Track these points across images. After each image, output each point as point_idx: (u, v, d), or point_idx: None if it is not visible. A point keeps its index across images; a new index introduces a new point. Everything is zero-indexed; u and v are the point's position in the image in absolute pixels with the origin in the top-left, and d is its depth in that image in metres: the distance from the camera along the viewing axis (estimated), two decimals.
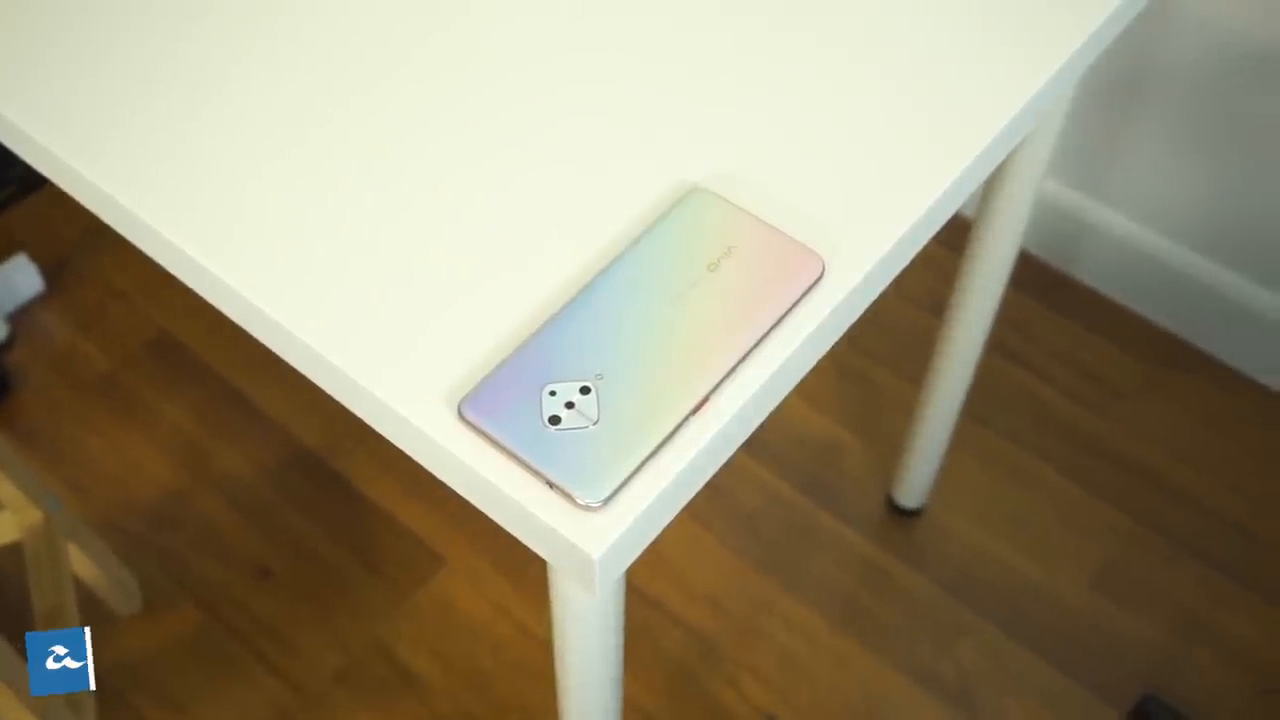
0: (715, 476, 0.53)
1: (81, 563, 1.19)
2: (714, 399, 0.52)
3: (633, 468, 0.49)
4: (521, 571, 1.30)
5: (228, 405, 1.44)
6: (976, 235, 1.05)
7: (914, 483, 1.32)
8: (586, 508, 0.49)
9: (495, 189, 0.59)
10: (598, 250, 0.57)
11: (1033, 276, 1.55)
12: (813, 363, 0.56)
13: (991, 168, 0.64)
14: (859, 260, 0.56)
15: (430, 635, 1.27)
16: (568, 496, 0.49)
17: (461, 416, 0.51)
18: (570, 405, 0.51)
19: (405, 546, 1.33)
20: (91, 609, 1.27)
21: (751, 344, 0.53)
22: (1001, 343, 1.49)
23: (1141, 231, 1.46)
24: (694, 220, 0.57)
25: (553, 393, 0.51)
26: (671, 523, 0.52)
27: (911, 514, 1.36)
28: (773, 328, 0.54)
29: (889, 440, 1.41)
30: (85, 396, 1.44)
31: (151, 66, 0.63)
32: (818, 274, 0.55)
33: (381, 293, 0.55)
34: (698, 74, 0.64)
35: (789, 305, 0.54)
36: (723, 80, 0.63)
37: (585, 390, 0.51)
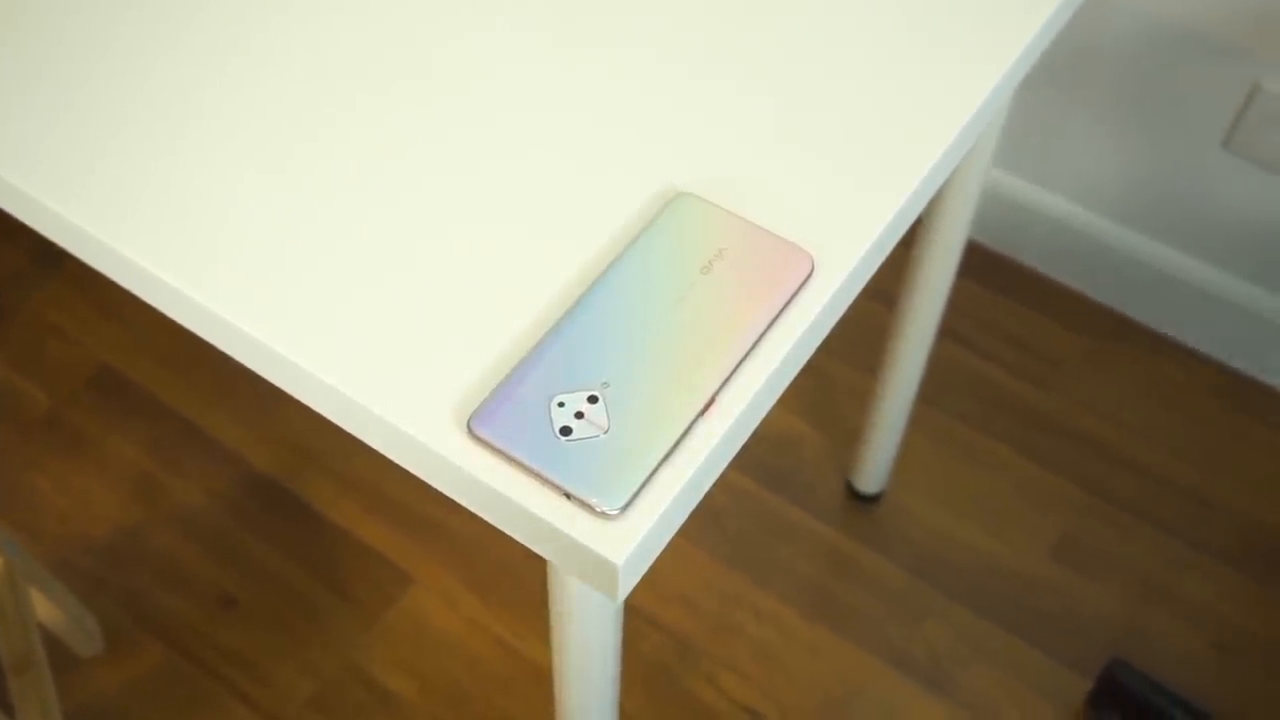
0: None
1: (41, 606, 1.16)
2: (719, 399, 0.52)
3: (648, 473, 0.50)
4: (491, 585, 1.30)
5: (178, 436, 1.41)
6: (926, 226, 1.07)
7: (873, 469, 1.34)
8: (605, 515, 0.49)
9: (480, 205, 0.59)
10: (589, 260, 0.57)
11: (972, 260, 1.58)
12: (808, 356, 0.57)
13: (961, 156, 0.65)
14: (846, 255, 0.57)
15: (404, 655, 1.26)
16: (586, 506, 0.49)
17: (472, 433, 0.51)
18: (580, 415, 0.51)
19: (371, 567, 1.32)
20: (52, 653, 1.25)
21: (751, 343, 0.54)
22: (947, 327, 1.52)
23: (1075, 210, 1.49)
24: (683, 225, 0.57)
25: (561, 404, 0.51)
26: None
27: (872, 499, 1.38)
28: (770, 326, 0.54)
29: (845, 429, 1.43)
30: (30, 437, 1.41)
31: (124, 95, 0.62)
32: (808, 271, 0.56)
33: (376, 315, 0.55)
34: (675, 83, 0.64)
35: (784, 303, 0.55)
36: (700, 88, 0.64)
37: (593, 399, 0.51)
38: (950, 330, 1.51)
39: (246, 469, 1.39)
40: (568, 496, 0.49)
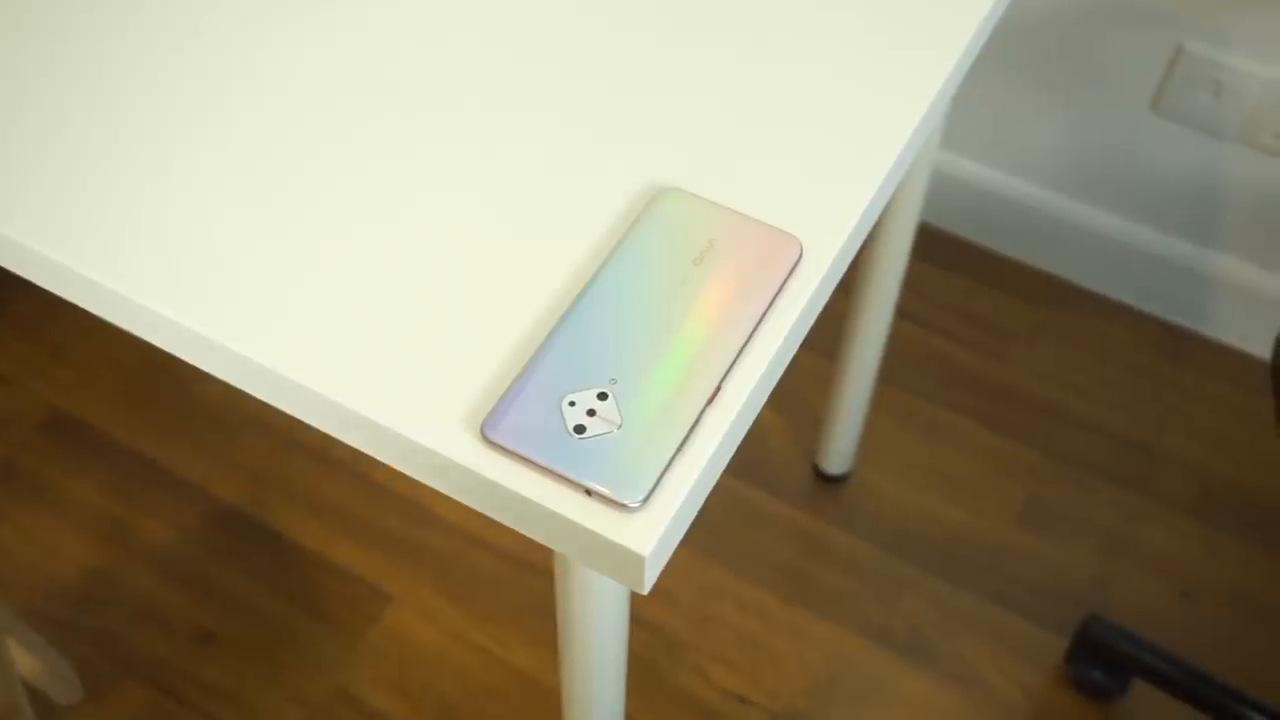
0: None
1: (17, 656, 1.14)
2: (725, 387, 0.53)
3: (665, 464, 0.50)
4: (470, 595, 1.30)
5: (138, 474, 1.39)
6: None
7: (838, 451, 1.36)
8: (627, 509, 0.50)
9: (467, 215, 0.59)
10: (581, 261, 0.58)
11: (916, 238, 1.61)
12: (803, 338, 0.58)
13: (929, 132, 0.67)
14: (832, 237, 0.59)
15: (390, 674, 1.26)
16: (608, 501, 0.50)
17: (486, 439, 0.51)
18: (592, 413, 0.52)
19: (348, 588, 1.31)
20: (31, 703, 1.22)
21: (750, 330, 0.55)
22: (898, 307, 1.54)
23: (1012, 182, 1.52)
24: (670, 219, 0.58)
25: (572, 403, 0.52)
26: None
27: (839, 481, 1.40)
28: (766, 311, 0.55)
29: (809, 414, 1.45)
30: None
31: (107, 137, 0.62)
32: (797, 255, 0.57)
33: (376, 330, 0.55)
34: (645, 83, 0.65)
35: (777, 288, 0.56)
36: (669, 86, 0.65)
37: (603, 396, 0.52)
38: (901, 309, 1.54)
39: (212, 502, 1.37)
40: (588, 493, 0.50)
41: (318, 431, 1.41)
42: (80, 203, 0.59)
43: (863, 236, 0.62)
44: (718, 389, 0.53)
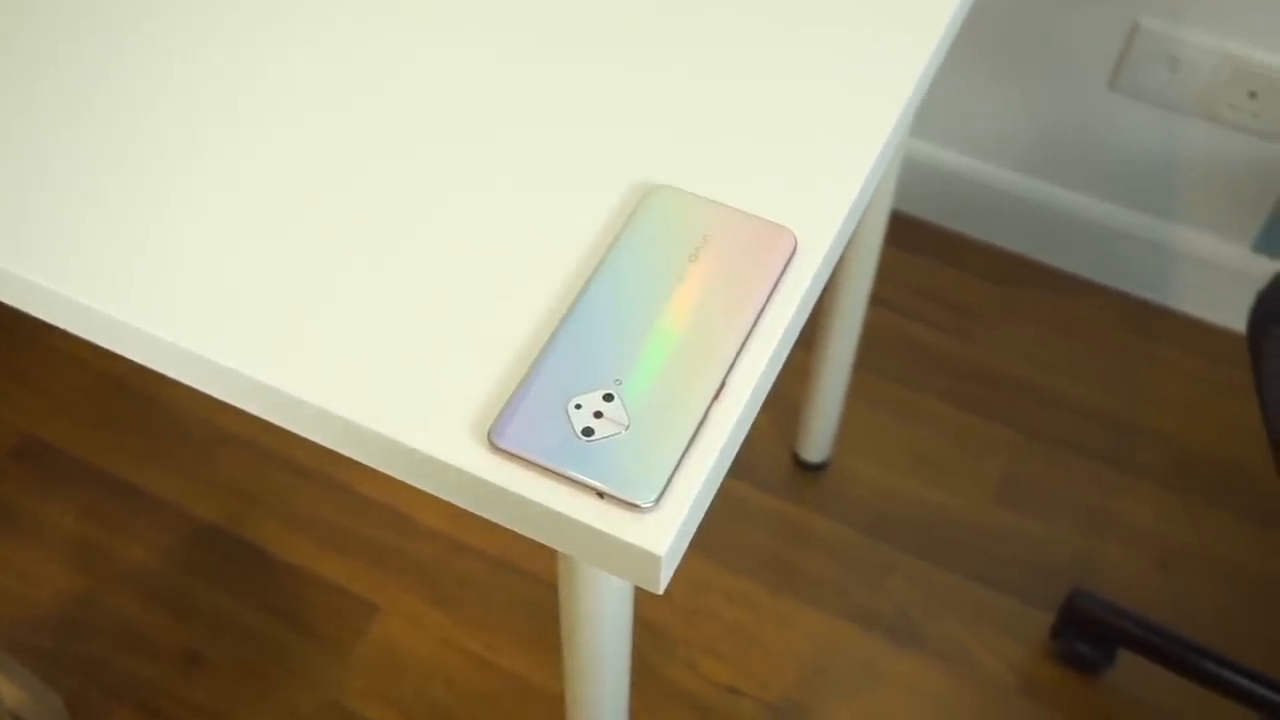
0: None
1: (2, 687, 1.13)
2: (729, 383, 0.54)
3: (675, 462, 0.51)
4: (457, 601, 1.30)
5: (115, 497, 1.38)
6: None
7: (817, 439, 1.37)
8: (640, 509, 0.50)
9: (460, 223, 0.59)
10: (577, 263, 0.58)
11: None
12: (800, 328, 0.59)
13: (911, 115, 0.67)
14: (825, 228, 0.59)
15: (381, 684, 1.25)
16: (621, 502, 0.50)
17: (494, 446, 0.51)
18: (599, 414, 0.52)
19: (334, 601, 1.30)
20: None
21: (751, 324, 0.55)
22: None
23: (974, 163, 1.54)
24: (665, 217, 0.58)
25: (578, 406, 0.52)
26: None
27: (819, 468, 1.40)
28: (765, 305, 0.56)
29: (786, 404, 1.45)
30: None
31: (102, 164, 0.61)
32: (792, 247, 0.57)
33: (376, 343, 0.55)
34: (633, 80, 0.65)
35: (774, 281, 0.56)
36: (653, 84, 0.65)
37: (609, 398, 0.52)
38: (870, 294, 1.55)
39: (191, 521, 1.36)
40: (600, 496, 0.50)
41: (293, 444, 1.40)
42: (76, 230, 0.58)
43: (853, 226, 0.62)
44: (723, 385, 0.53)
